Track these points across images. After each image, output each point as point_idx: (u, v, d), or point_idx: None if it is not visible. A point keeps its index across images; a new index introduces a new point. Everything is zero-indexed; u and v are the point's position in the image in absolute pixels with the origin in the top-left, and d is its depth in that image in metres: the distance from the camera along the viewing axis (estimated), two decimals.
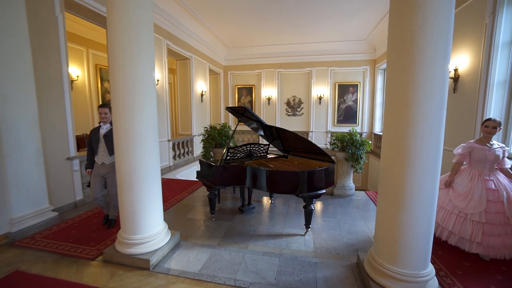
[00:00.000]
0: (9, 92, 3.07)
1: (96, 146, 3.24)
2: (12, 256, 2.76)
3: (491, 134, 2.65)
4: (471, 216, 2.57)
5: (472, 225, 2.56)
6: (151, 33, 2.62)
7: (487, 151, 2.63)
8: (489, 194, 2.56)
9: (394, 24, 2.00)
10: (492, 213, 2.51)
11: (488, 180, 2.62)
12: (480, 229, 2.52)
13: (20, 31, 3.17)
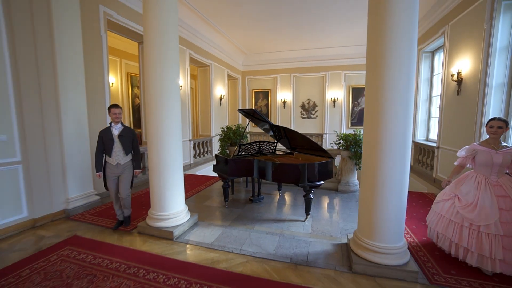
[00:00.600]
0: (69, 99, 3.88)
1: (110, 147, 3.19)
2: (70, 225, 3.51)
3: (497, 134, 2.38)
4: (485, 228, 2.23)
5: (488, 239, 2.22)
6: (177, 47, 3.26)
7: (493, 154, 2.37)
8: (500, 201, 2.27)
9: (370, 44, 2.43)
10: (509, 224, 2.20)
11: (497, 185, 2.34)
12: (500, 243, 2.18)
13: (77, 51, 4.00)
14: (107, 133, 3.21)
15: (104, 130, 3.24)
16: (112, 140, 3.20)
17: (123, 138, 3.23)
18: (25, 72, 3.41)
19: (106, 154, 3.23)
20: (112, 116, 3.22)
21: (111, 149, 3.20)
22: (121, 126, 3.29)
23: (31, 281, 2.33)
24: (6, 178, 3.26)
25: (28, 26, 3.44)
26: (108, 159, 3.23)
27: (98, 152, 3.24)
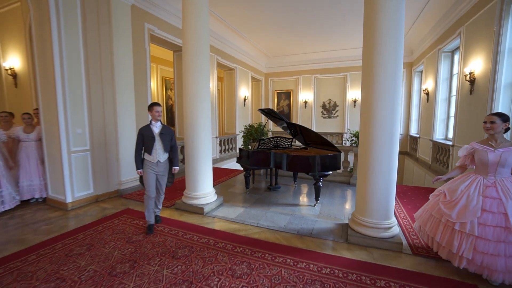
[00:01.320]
0: (122, 102, 4.83)
1: (151, 145, 3.16)
2: (123, 202, 4.43)
3: (490, 130, 2.26)
4: (460, 226, 2.19)
5: (459, 237, 2.20)
6: (208, 58, 4.00)
7: (489, 152, 2.24)
8: (486, 202, 2.16)
9: (364, 55, 2.91)
10: (488, 226, 2.10)
11: (491, 186, 2.20)
12: (472, 244, 2.13)
13: (128, 63, 4.94)
14: (147, 131, 3.18)
15: (145, 128, 3.21)
16: (153, 138, 3.18)
17: (164, 135, 3.24)
18: (93, 82, 4.39)
19: (146, 152, 3.20)
20: (155, 114, 3.20)
21: (152, 146, 3.17)
22: (160, 124, 3.30)
23: (104, 233, 3.19)
24: (80, 162, 4.25)
25: (96, 45, 4.41)
26: (148, 157, 3.19)
27: (138, 149, 3.21)
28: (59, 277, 2.33)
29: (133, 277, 2.33)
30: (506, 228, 2.03)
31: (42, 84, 4.08)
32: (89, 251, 2.79)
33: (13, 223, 3.57)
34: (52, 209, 4.10)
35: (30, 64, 5.32)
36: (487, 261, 2.06)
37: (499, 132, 2.24)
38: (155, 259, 2.63)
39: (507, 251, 2.01)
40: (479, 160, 2.30)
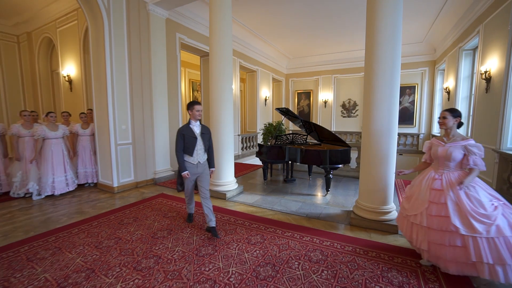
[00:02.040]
0: (158, 104, 5.60)
1: (192, 146, 3.01)
2: (158, 188, 5.18)
3: (442, 125, 2.34)
4: (413, 218, 2.31)
5: (416, 229, 2.30)
6: (231, 63, 4.58)
7: (439, 146, 2.33)
8: (432, 194, 2.24)
9: (367, 55, 3.29)
10: (434, 216, 2.18)
11: (437, 179, 2.28)
12: (426, 235, 2.21)
13: (163, 68, 5.70)
14: (188, 131, 3.03)
15: (185, 128, 3.04)
16: (195, 138, 3.03)
17: (204, 135, 3.12)
18: (135, 86, 5.19)
19: (186, 153, 3.04)
20: (195, 114, 3.05)
21: (194, 147, 3.02)
22: (200, 124, 3.15)
23: (145, 210, 3.90)
24: (124, 153, 5.07)
25: (137, 54, 5.21)
26: (189, 158, 3.04)
27: (180, 151, 3.02)
28: (116, 237, 3.03)
29: (170, 240, 2.96)
30: (446, 217, 2.10)
31: (96, 88, 4.94)
32: (135, 221, 3.50)
33: (75, 200, 4.44)
34: (102, 192, 4.95)
35: (83, 72, 6.33)
36: (438, 251, 2.13)
37: (451, 127, 2.31)
38: (187, 230, 3.25)
39: (451, 241, 2.05)
40: (433, 154, 2.38)
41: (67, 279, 2.24)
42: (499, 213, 1.97)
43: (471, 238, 1.97)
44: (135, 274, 2.30)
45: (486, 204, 2.01)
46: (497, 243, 1.90)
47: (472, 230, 1.97)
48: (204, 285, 2.16)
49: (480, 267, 1.95)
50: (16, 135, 4.53)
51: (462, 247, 2.01)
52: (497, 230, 1.91)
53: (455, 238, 2.03)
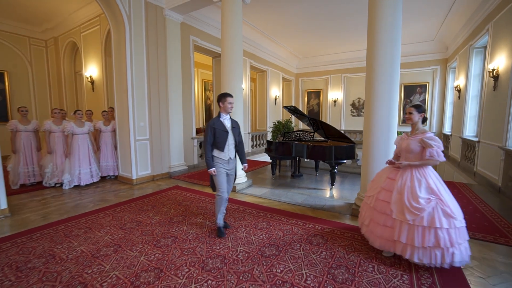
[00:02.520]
0: (173, 102, 5.97)
1: (223, 140, 2.82)
2: (173, 181, 5.56)
3: (409, 120, 2.49)
4: (367, 199, 2.62)
5: (365, 207, 2.64)
6: (241, 62, 4.86)
7: (403, 140, 2.52)
8: (386, 182, 2.48)
9: (368, 56, 3.48)
10: (380, 200, 2.44)
11: (395, 169, 2.48)
12: (370, 214, 2.52)
13: (178, 68, 6.08)
14: (219, 124, 2.83)
15: (216, 121, 2.84)
16: (226, 132, 2.84)
17: (235, 129, 2.95)
18: (152, 86, 5.59)
19: (217, 149, 2.83)
20: (228, 106, 2.86)
21: (225, 142, 2.84)
22: (230, 117, 2.97)
23: (162, 199, 4.26)
24: (142, 148, 5.47)
25: (154, 57, 5.60)
26: (219, 154, 2.85)
27: (209, 146, 2.82)
28: (137, 221, 3.39)
29: (185, 224, 3.29)
30: (388, 203, 2.36)
31: (118, 89, 5.37)
32: (153, 208, 3.86)
33: (98, 190, 4.88)
34: (122, 184, 5.37)
35: (104, 73, 6.82)
36: (374, 228, 2.45)
37: (416, 121, 2.45)
38: (200, 216, 3.57)
39: (385, 222, 2.37)
40: (399, 147, 2.55)
41: (99, 251, 2.60)
42: (430, 207, 2.19)
43: (399, 222, 2.28)
44: (155, 250, 2.64)
45: (421, 199, 2.22)
46: (415, 230, 2.20)
47: (402, 217, 2.26)
48: (215, 260, 2.45)
49: (397, 245, 2.29)
50: (48, 130, 5.02)
51: (390, 227, 2.34)
52: (420, 220, 2.19)
53: (388, 220, 2.36)
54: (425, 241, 2.14)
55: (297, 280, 2.15)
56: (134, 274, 2.23)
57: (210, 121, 2.89)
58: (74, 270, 2.28)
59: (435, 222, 2.14)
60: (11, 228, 3.18)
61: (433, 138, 2.32)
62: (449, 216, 2.16)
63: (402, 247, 2.26)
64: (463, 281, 2.15)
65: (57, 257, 2.49)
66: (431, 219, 2.16)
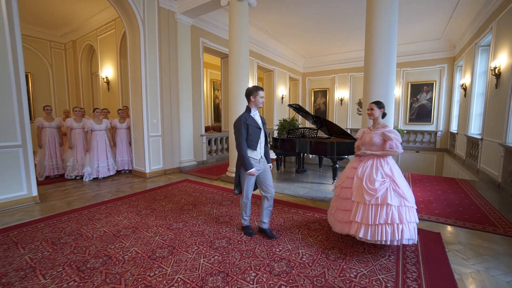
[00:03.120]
0: (183, 101, 6.33)
1: (256, 138, 2.65)
2: (183, 175, 5.91)
3: (370, 116, 2.68)
4: (335, 190, 2.84)
5: (334, 198, 2.83)
6: (247, 63, 5.14)
7: (366, 134, 2.71)
8: (350, 171, 2.69)
9: (366, 55, 3.69)
10: (344, 188, 2.64)
11: (360, 160, 2.66)
12: (336, 204, 2.73)
13: (187, 69, 6.43)
14: (251, 120, 2.63)
15: (248, 117, 2.62)
16: (259, 129, 2.69)
17: (265, 126, 2.82)
18: (164, 85, 5.95)
19: (249, 148, 2.64)
20: (259, 101, 2.66)
21: (258, 140, 2.67)
22: (258, 113, 2.80)
23: (173, 191, 4.60)
24: (155, 144, 5.84)
25: (166, 57, 5.96)
26: (252, 153, 2.66)
27: (244, 144, 2.61)
28: (152, 208, 3.73)
29: (195, 212, 3.60)
30: (349, 188, 2.58)
31: (133, 88, 5.76)
32: (165, 198, 4.20)
33: (115, 182, 5.28)
34: (136, 177, 5.76)
35: (119, 74, 7.24)
36: (337, 214, 2.65)
37: (377, 117, 2.66)
38: (208, 205, 3.87)
39: (346, 206, 2.57)
40: (363, 141, 2.72)
41: (119, 232, 2.94)
42: (384, 188, 2.37)
43: (356, 203, 2.46)
44: (168, 232, 2.95)
45: (377, 182, 2.41)
46: (369, 209, 2.38)
47: (361, 199, 2.43)
48: (221, 240, 2.75)
49: (353, 225, 2.45)
50: (70, 127, 5.45)
51: (349, 210, 2.52)
52: (375, 200, 2.37)
53: (348, 204, 2.55)
54: (377, 218, 2.32)
55: (294, 257, 2.41)
56: (150, 250, 2.55)
57: (241, 117, 2.64)
58: (99, 246, 2.62)
59: (387, 199, 2.32)
60: (42, 213, 3.58)
61: (393, 132, 2.51)
62: (401, 196, 2.35)
63: (357, 227, 2.41)
64: (444, 260, 2.35)
65: (84, 236, 2.85)
66: (384, 198, 2.34)
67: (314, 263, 2.32)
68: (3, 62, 3.62)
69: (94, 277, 2.11)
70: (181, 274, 2.15)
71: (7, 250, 2.55)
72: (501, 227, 3.06)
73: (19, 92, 3.78)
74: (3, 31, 3.59)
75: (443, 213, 3.53)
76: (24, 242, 2.71)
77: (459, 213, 3.53)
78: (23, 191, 3.86)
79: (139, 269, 2.21)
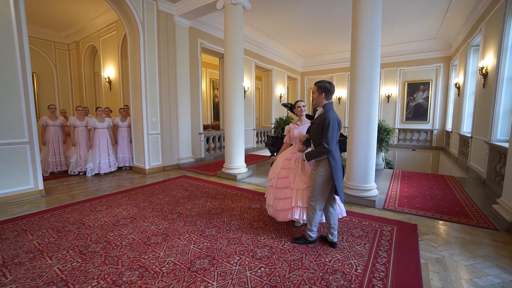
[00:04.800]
0: (181, 100, 6.56)
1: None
2: (181, 171, 6.16)
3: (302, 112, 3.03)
4: (270, 182, 2.98)
5: (270, 190, 2.99)
6: (242, 63, 5.36)
7: (295, 129, 2.98)
8: (284, 162, 2.91)
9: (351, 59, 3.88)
10: (281, 178, 2.85)
11: (293, 152, 2.91)
12: (274, 193, 2.90)
13: (186, 69, 6.65)
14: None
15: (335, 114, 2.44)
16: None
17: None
18: (163, 84, 6.19)
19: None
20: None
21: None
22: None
23: (171, 186, 4.85)
24: (154, 142, 6.09)
25: (165, 58, 6.19)
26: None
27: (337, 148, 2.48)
28: (149, 201, 3.98)
29: (189, 204, 3.83)
30: (287, 178, 2.82)
31: (133, 88, 6.01)
32: (163, 192, 4.44)
33: (116, 178, 5.54)
34: (136, 173, 6.02)
35: (120, 74, 7.50)
36: (277, 204, 2.82)
37: (304, 114, 3.06)
38: (202, 198, 4.11)
39: (286, 194, 2.79)
40: (291, 136, 3.03)
41: (118, 222, 3.19)
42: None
43: (295, 190, 2.73)
44: (163, 222, 3.19)
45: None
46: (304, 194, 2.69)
47: (300, 185, 2.71)
48: (211, 229, 2.98)
49: (294, 210, 2.70)
50: (73, 125, 5.72)
51: (289, 198, 2.76)
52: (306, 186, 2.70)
53: (287, 192, 2.78)
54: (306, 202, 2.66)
55: (276, 244, 2.64)
56: (146, 237, 2.79)
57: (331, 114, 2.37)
58: (100, 233, 2.87)
59: None
60: (47, 205, 3.84)
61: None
62: None
63: (299, 212, 2.69)
64: (415, 247, 2.56)
65: (86, 225, 3.10)
66: None
67: (294, 249, 2.54)
68: (12, 64, 3.88)
69: (95, 259, 2.36)
70: (172, 257, 2.38)
71: (17, 236, 2.81)
72: (475, 219, 3.25)
73: (26, 92, 4.04)
74: (12, 35, 3.85)
75: (424, 206, 3.72)
76: (32, 229, 2.97)
77: (439, 206, 3.72)
78: (30, 185, 4.13)
79: (134, 253, 2.45)
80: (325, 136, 2.35)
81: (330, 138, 2.33)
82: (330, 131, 2.33)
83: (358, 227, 3.04)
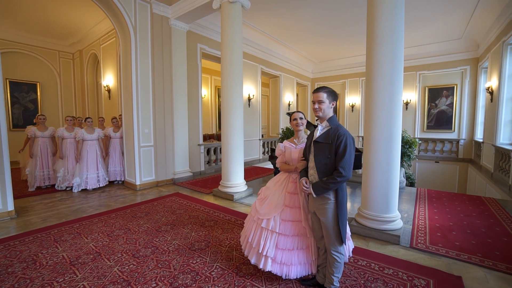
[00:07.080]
0: (178, 110, 6.06)
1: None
2: (175, 187, 5.58)
3: (300, 126, 2.26)
4: (266, 223, 2.12)
5: (265, 234, 2.12)
6: (241, 69, 4.78)
7: (292, 149, 2.25)
8: (287, 198, 2.15)
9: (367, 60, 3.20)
10: (287, 221, 2.10)
11: (293, 182, 2.20)
12: (275, 242, 2.08)
13: (183, 77, 6.17)
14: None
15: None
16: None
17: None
18: (157, 93, 5.71)
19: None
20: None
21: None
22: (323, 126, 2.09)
23: (158, 206, 4.26)
24: (146, 155, 5.58)
25: (160, 65, 5.74)
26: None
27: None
28: (126, 228, 3.40)
29: (171, 234, 3.21)
30: (300, 222, 2.10)
31: (124, 96, 5.57)
32: (146, 216, 3.86)
33: (103, 195, 5.04)
34: (127, 189, 5.51)
35: (119, 82, 7.14)
36: (285, 257, 2.06)
37: (302, 130, 2.32)
38: (188, 226, 3.48)
39: (300, 244, 2.10)
40: (287, 157, 2.27)
41: (78, 259, 2.61)
42: None
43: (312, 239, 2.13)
44: (131, 260, 2.58)
45: None
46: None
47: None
48: (187, 275, 2.33)
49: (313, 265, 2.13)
50: (61, 137, 5.32)
51: (306, 248, 2.13)
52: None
53: (301, 242, 2.11)
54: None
55: None
56: (101, 285, 2.18)
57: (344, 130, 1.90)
58: (47, 278, 2.29)
59: None
60: (13, 230, 3.35)
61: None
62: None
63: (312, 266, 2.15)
64: None
65: (38, 263, 2.54)
66: None
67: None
68: None
69: None
70: None
71: None
72: None
73: None
74: None
75: (466, 245, 2.89)
76: None
77: (487, 246, 2.88)
78: None
79: None
80: (341, 160, 1.83)
81: (348, 164, 1.84)
82: (348, 153, 1.84)
83: (378, 278, 2.29)
